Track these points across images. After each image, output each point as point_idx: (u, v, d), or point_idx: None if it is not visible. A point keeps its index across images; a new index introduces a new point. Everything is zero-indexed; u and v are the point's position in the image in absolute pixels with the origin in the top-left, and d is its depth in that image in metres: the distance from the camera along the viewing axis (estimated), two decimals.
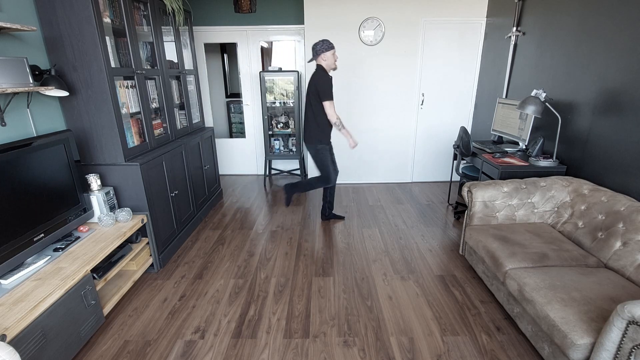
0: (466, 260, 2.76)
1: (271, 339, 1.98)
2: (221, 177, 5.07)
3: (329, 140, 3.14)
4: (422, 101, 4.36)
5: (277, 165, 5.19)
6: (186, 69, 3.46)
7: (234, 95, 5.75)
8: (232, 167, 5.20)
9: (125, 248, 2.33)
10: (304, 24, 4.09)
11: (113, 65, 2.30)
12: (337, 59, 2.99)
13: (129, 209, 2.42)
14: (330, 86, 2.90)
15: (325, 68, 2.95)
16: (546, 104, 2.68)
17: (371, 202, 4.01)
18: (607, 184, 2.35)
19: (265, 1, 4.36)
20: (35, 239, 1.88)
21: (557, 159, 2.79)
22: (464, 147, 3.20)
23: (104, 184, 2.48)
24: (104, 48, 2.18)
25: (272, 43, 4.85)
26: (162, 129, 2.98)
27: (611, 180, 2.32)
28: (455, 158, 3.62)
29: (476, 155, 3.17)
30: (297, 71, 4.35)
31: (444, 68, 4.22)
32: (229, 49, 5.56)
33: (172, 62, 3.20)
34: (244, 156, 5.14)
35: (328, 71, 2.98)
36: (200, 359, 1.85)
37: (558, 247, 2.09)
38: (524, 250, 2.06)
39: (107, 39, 2.24)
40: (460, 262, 2.74)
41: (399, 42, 4.11)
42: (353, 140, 3.08)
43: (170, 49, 3.16)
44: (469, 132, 4.18)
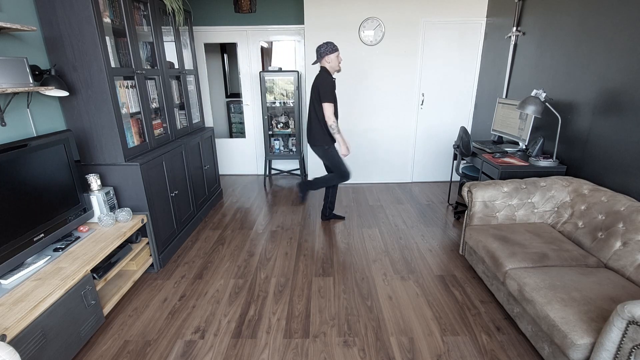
0: (466, 260, 2.76)
1: (271, 339, 1.98)
2: (221, 177, 5.07)
3: (333, 141, 3.13)
4: (422, 101, 4.36)
5: (277, 165, 5.19)
6: (186, 69, 3.46)
7: (234, 95, 5.75)
8: (232, 167, 5.20)
9: (125, 248, 2.33)
10: (304, 24, 4.10)
11: (113, 65, 2.30)
12: (341, 61, 2.99)
13: (129, 209, 2.42)
14: (331, 88, 2.89)
15: (329, 70, 2.95)
16: (546, 104, 2.68)
17: (371, 202, 4.01)
18: (607, 184, 2.35)
19: (265, 1, 4.36)
20: (35, 239, 1.88)
21: (557, 159, 2.79)
22: (464, 147, 3.20)
23: (104, 184, 2.48)
24: (104, 48, 2.18)
25: (272, 43, 4.85)
26: (162, 129, 2.98)
27: (611, 180, 2.32)
28: (455, 158, 3.62)
29: (476, 155, 3.17)
30: (297, 71, 4.35)
31: (444, 68, 4.22)
32: (229, 49, 5.56)
33: (171, 63, 3.20)
34: (244, 156, 5.14)
35: (332, 73, 2.97)
36: (200, 359, 1.85)
37: (558, 247, 2.09)
38: (524, 250, 2.06)
39: (107, 39, 2.24)
40: (460, 262, 2.74)
41: (399, 42, 4.11)
42: (346, 147, 3.04)
43: (170, 49, 3.16)
44: (469, 132, 4.18)
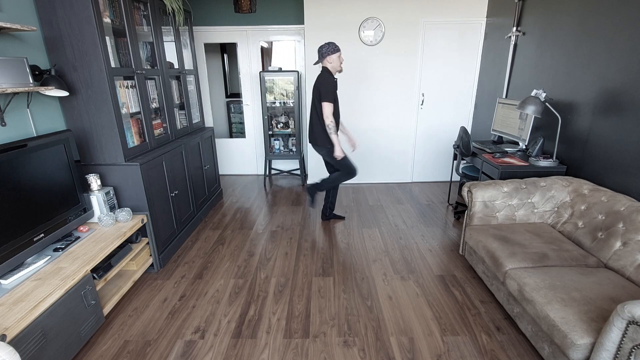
0: (466, 260, 2.76)
1: (271, 339, 1.98)
2: (221, 177, 5.07)
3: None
4: (422, 101, 4.36)
5: (277, 165, 5.19)
6: (186, 69, 3.46)
7: (234, 95, 5.75)
8: (232, 167, 5.20)
9: (125, 248, 2.33)
10: (304, 24, 4.10)
11: (113, 65, 2.30)
12: (342, 61, 2.99)
13: (129, 209, 2.42)
14: (331, 88, 2.89)
15: (331, 70, 2.95)
16: (546, 104, 2.68)
17: (371, 202, 4.01)
18: (607, 184, 2.35)
19: (265, 1, 4.36)
20: (35, 239, 1.88)
21: (557, 159, 2.79)
22: (464, 147, 3.20)
23: (104, 184, 2.48)
24: (104, 48, 2.18)
25: (272, 43, 4.85)
26: (162, 129, 2.98)
27: (611, 180, 2.32)
28: (455, 158, 3.62)
29: (476, 155, 3.17)
30: (297, 71, 4.35)
31: (444, 68, 4.22)
32: (229, 49, 5.56)
33: (171, 63, 3.20)
34: (244, 156, 5.14)
35: (334, 74, 2.97)
36: (200, 359, 1.85)
37: (558, 247, 2.09)
38: (524, 250, 2.06)
39: (107, 39, 2.24)
40: (460, 262, 2.74)
41: (399, 42, 4.11)
42: (339, 150, 3.00)
43: (170, 49, 3.16)
44: (469, 132, 4.18)
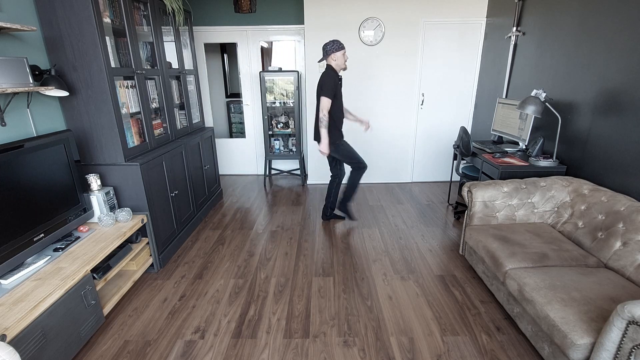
0: (466, 260, 2.76)
1: (271, 339, 1.98)
2: (221, 177, 5.07)
3: (341, 136, 3.13)
4: (422, 101, 4.36)
5: (277, 165, 5.19)
6: (186, 69, 3.46)
7: (234, 95, 5.75)
8: (232, 167, 5.20)
9: (125, 248, 2.33)
10: (304, 24, 4.09)
11: (113, 65, 2.30)
12: (347, 59, 2.99)
13: (129, 209, 2.42)
14: (332, 85, 2.88)
15: (335, 68, 2.95)
16: (546, 104, 2.68)
17: (371, 202, 4.01)
18: (607, 184, 2.35)
19: (265, 1, 4.36)
20: (35, 239, 1.88)
21: (557, 159, 2.79)
22: (464, 147, 3.20)
23: (104, 184, 2.48)
24: (104, 48, 2.18)
25: (272, 43, 4.85)
26: (162, 129, 2.98)
27: (611, 180, 2.32)
28: (455, 158, 3.62)
29: (476, 155, 3.17)
30: (297, 71, 4.35)
31: (444, 68, 4.22)
32: (229, 49, 5.56)
33: (169, 63, 3.20)
34: (244, 156, 5.14)
35: (338, 71, 2.97)
36: (200, 359, 1.85)
37: (558, 247, 2.09)
38: (524, 250, 2.06)
39: (107, 39, 2.24)
40: (460, 262, 2.74)
41: (399, 42, 4.11)
42: (325, 146, 2.99)
43: (170, 49, 3.16)
44: (469, 132, 4.18)
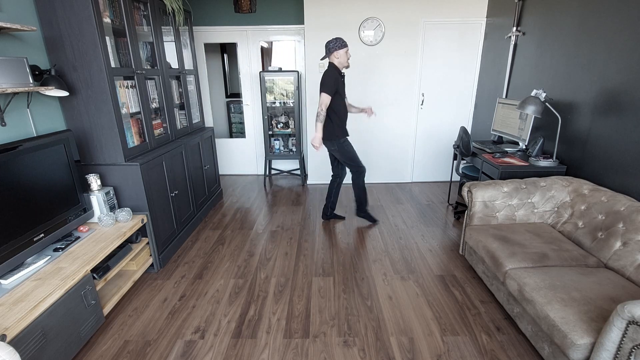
0: (466, 260, 2.76)
1: (271, 339, 1.98)
2: (221, 177, 5.07)
3: (345, 133, 3.13)
4: (422, 101, 4.36)
5: (277, 165, 5.19)
6: (186, 69, 3.46)
7: (234, 95, 5.75)
8: (232, 167, 5.20)
9: (125, 248, 2.33)
10: (304, 24, 4.09)
11: (113, 65, 2.30)
12: (349, 57, 2.99)
13: (129, 209, 2.42)
14: (332, 82, 2.87)
15: (338, 66, 2.94)
16: (546, 104, 2.68)
17: (371, 202, 4.00)
18: (607, 184, 2.35)
19: (265, 1, 4.36)
20: (35, 239, 1.88)
21: (557, 159, 2.79)
22: (464, 147, 3.20)
23: (104, 184, 2.48)
24: (104, 48, 2.18)
25: (272, 43, 4.85)
26: (162, 129, 2.98)
27: (611, 180, 2.31)
28: (455, 158, 3.62)
29: (476, 155, 3.17)
30: (297, 71, 4.35)
31: (444, 68, 4.22)
32: (229, 49, 5.56)
33: (170, 63, 3.20)
34: (244, 156, 5.14)
35: (341, 69, 2.97)
36: (200, 359, 1.85)
37: (558, 247, 2.09)
38: (524, 250, 2.06)
39: (107, 39, 2.24)
40: (460, 262, 2.74)
41: (399, 42, 4.11)
42: (317, 140, 2.95)
43: (170, 49, 3.16)
44: (469, 132, 4.18)
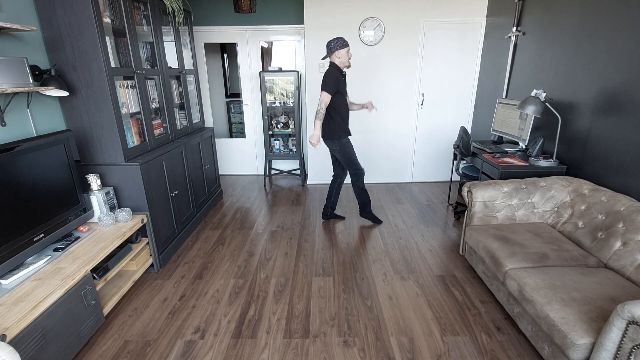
0: (466, 260, 2.76)
1: (271, 339, 1.98)
2: (221, 177, 5.07)
3: (348, 133, 3.12)
4: (422, 101, 4.36)
5: (277, 165, 5.19)
6: (186, 69, 3.46)
7: (234, 95, 5.75)
8: (232, 167, 5.20)
9: (125, 248, 2.33)
10: (304, 24, 4.09)
11: (113, 65, 2.30)
12: (351, 56, 2.99)
13: (129, 209, 2.42)
14: (333, 81, 2.87)
15: (339, 65, 2.94)
16: (546, 104, 2.68)
17: (372, 202, 4.00)
18: (607, 184, 2.35)
19: (265, 1, 4.35)
20: (35, 239, 1.88)
21: (557, 159, 2.79)
22: (464, 147, 3.20)
23: (104, 184, 2.48)
24: (104, 48, 2.18)
25: (272, 43, 4.85)
26: (162, 129, 2.98)
27: (611, 180, 2.31)
28: (455, 158, 3.62)
29: (476, 155, 3.17)
30: (297, 71, 4.35)
31: (444, 68, 4.22)
32: (229, 49, 5.56)
33: (170, 63, 3.20)
34: (244, 156, 5.14)
35: (342, 69, 2.97)
36: (200, 359, 1.85)
37: (558, 247, 2.09)
38: (524, 250, 2.06)
39: (107, 39, 2.24)
40: (460, 262, 2.74)
41: (399, 42, 4.11)
42: (315, 137, 2.92)
43: (170, 49, 3.16)
44: (469, 132, 4.18)
